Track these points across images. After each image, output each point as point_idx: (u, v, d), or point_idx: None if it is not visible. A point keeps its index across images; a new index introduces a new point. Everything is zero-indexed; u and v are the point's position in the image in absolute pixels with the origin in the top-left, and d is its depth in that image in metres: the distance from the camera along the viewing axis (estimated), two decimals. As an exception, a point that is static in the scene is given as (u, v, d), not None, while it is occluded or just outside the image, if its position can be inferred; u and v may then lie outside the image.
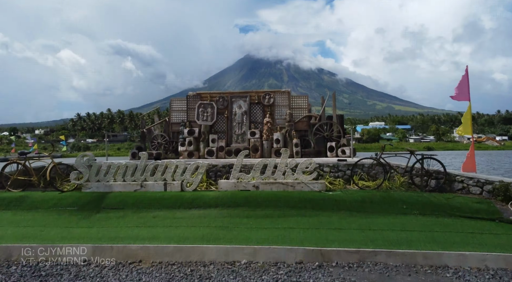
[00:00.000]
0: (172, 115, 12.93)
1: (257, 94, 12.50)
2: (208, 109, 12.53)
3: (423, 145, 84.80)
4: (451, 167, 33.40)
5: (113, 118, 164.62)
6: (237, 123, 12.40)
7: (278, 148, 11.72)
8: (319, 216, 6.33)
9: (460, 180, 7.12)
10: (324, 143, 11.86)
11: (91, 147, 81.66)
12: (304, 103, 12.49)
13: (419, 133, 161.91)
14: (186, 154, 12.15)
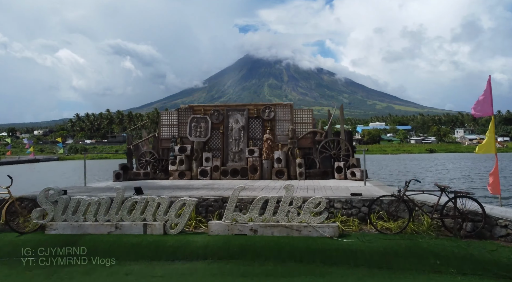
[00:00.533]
0: (162, 130, 11.64)
1: (256, 108, 11.20)
2: (202, 124, 11.25)
3: (425, 147, 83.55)
4: (457, 171, 32.13)
5: (112, 118, 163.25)
6: (233, 140, 11.11)
7: (280, 168, 10.45)
8: (331, 275, 5.05)
9: (504, 225, 5.83)
10: (331, 162, 10.57)
11: (89, 149, 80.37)
12: (308, 117, 11.20)
13: (420, 133, 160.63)
14: (176, 174, 10.88)
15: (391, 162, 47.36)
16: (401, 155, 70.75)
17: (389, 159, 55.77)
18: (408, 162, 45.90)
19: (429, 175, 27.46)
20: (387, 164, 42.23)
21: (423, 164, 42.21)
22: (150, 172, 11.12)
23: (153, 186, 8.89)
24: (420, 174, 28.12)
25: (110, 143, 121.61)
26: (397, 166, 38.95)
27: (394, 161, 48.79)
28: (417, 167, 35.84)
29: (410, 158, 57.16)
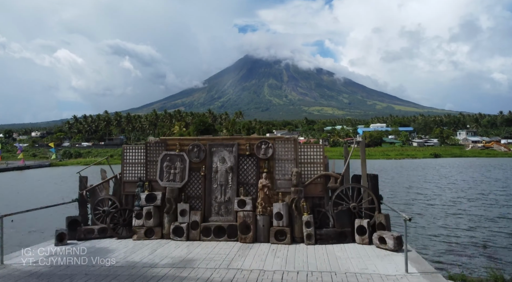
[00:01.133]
0: (126, 170, 8.84)
1: (249, 142, 8.40)
2: (177, 163, 8.45)
3: (429, 151, 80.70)
4: (466, 174, 29.19)
5: (110, 120, 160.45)
6: (219, 185, 8.32)
7: (281, 228, 7.67)
8: None
9: None
10: (350, 219, 7.78)
11: (83, 153, 77.52)
12: (318, 155, 8.41)
13: (422, 135, 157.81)
14: (142, 232, 8.09)
15: (397, 172, 44.46)
16: (405, 161, 67.99)
17: (393, 167, 52.91)
18: (415, 173, 42.99)
19: (461, 199, 24.42)
20: (393, 177, 39.32)
21: (434, 176, 39.26)
22: (108, 228, 8.32)
23: (88, 273, 6.12)
24: (442, 196, 25.23)
25: (107, 146, 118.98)
26: (405, 179, 36.09)
27: (400, 171, 45.90)
28: (431, 185, 32.92)
29: (416, 166, 54.30)
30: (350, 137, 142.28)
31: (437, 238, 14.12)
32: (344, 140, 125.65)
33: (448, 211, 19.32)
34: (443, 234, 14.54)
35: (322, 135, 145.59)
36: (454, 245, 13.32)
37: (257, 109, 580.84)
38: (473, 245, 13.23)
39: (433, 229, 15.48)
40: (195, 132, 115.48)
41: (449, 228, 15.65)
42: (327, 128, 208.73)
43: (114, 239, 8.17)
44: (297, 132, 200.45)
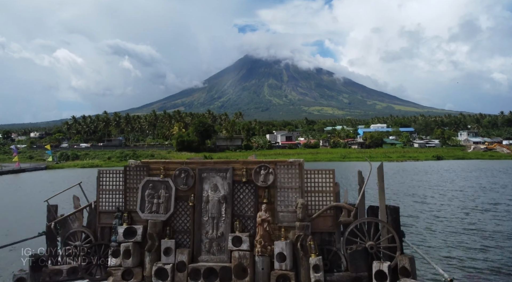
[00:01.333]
0: (101, 197, 7.54)
1: (246, 167, 7.11)
2: (161, 191, 7.17)
3: (431, 153, 79.34)
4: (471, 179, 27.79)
5: (109, 121, 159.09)
6: (210, 218, 7.03)
7: (284, 272, 6.38)
8: None
9: None
10: (366, 260, 6.49)
11: (81, 155, 76.17)
12: (328, 182, 7.11)
13: (423, 135, 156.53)
14: (119, 274, 6.81)
15: (399, 177, 43.11)
16: (407, 164, 66.72)
17: (396, 171, 51.57)
18: (419, 178, 41.64)
19: (471, 211, 23.07)
20: (395, 182, 37.97)
21: (438, 182, 37.92)
22: (79, 268, 7.04)
23: None
24: (450, 206, 23.89)
25: (106, 147, 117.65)
26: (408, 185, 34.74)
27: (402, 176, 44.52)
28: (436, 192, 31.59)
29: (418, 169, 52.95)
30: (351, 138, 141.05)
31: (451, 261, 12.86)
32: (345, 141, 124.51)
33: (459, 226, 18.06)
34: (457, 257, 13.26)
35: (323, 135, 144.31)
36: (471, 271, 12.07)
37: (257, 109, 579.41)
38: (491, 271, 11.97)
39: (444, 249, 14.20)
40: (194, 133, 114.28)
41: (462, 248, 14.38)
42: (328, 128, 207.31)
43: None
44: (297, 133, 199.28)
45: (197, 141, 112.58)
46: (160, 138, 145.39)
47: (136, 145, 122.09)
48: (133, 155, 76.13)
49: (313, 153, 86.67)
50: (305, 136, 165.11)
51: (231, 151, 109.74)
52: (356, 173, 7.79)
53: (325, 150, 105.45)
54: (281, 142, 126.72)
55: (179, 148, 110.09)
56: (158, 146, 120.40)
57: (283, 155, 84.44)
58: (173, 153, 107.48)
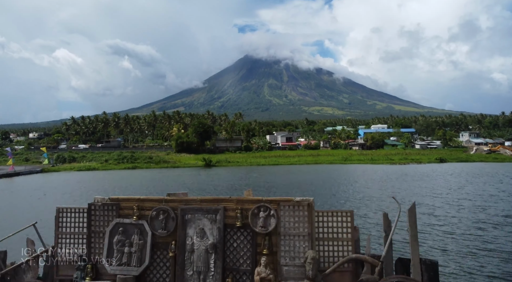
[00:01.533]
0: (61, 243, 6.03)
1: (240, 206, 5.61)
2: (134, 238, 5.69)
3: (434, 156, 77.74)
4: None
5: (108, 121, 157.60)
6: (195, 272, 5.54)
7: None
8: None
9: None
10: None
11: (78, 158, 74.58)
12: (345, 227, 5.60)
13: (424, 136, 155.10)
14: None
15: (402, 183, 41.53)
16: (410, 167, 65.14)
17: (398, 175, 49.96)
18: (423, 185, 39.99)
19: (484, 225, 21.52)
20: (399, 190, 36.38)
21: (443, 189, 36.30)
22: None
23: None
24: (460, 219, 22.36)
25: (104, 148, 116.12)
26: (412, 192, 33.15)
27: (405, 181, 42.88)
28: (443, 202, 30.08)
29: (421, 173, 51.36)
30: (351, 138, 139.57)
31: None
32: (346, 142, 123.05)
33: (475, 245, 16.54)
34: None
35: (323, 136, 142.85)
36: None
37: (257, 109, 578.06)
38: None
39: (462, 277, 12.68)
40: (193, 134, 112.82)
41: (484, 276, 12.86)
42: (328, 128, 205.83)
43: None
44: (297, 133, 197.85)
45: (197, 142, 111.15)
46: (159, 139, 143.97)
47: (135, 147, 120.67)
48: (131, 158, 74.63)
49: (313, 155, 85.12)
50: (305, 137, 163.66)
51: (231, 153, 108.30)
52: (358, 175, 6.25)
53: (325, 151, 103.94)
54: (281, 143, 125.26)
55: (178, 150, 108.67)
56: (157, 148, 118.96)
57: (283, 157, 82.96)
58: (172, 154, 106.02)
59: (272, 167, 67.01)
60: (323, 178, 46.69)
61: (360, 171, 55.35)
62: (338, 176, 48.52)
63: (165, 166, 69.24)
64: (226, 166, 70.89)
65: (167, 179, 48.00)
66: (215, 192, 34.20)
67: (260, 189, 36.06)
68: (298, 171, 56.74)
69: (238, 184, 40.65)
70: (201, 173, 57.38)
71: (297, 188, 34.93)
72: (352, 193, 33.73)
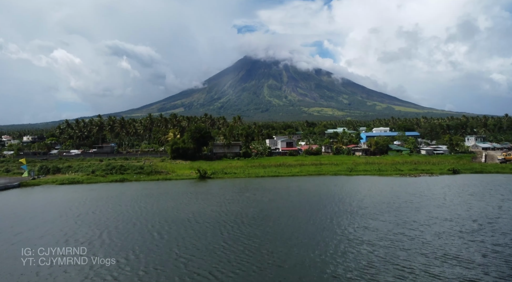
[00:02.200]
0: None
1: None
2: None
3: (445, 166, 71.78)
4: None
5: (103, 125, 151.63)
6: None
7: None
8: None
9: None
10: None
11: (63, 168, 68.59)
12: None
13: (428, 140, 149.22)
14: None
15: (423, 209, 35.32)
16: (423, 180, 59.15)
17: (413, 194, 43.78)
18: (441, 213, 33.83)
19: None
20: (416, 224, 30.21)
21: (472, 227, 30.05)
22: None
23: None
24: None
25: (97, 154, 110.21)
26: (434, 230, 27.06)
27: (422, 204, 36.58)
28: (478, 246, 23.97)
29: (438, 191, 45.12)
30: (354, 143, 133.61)
31: None
32: (349, 147, 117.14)
33: None
34: None
35: (325, 140, 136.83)
36: None
37: (257, 110, 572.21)
38: None
39: None
40: (190, 140, 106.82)
41: None
42: (329, 131, 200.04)
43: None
44: (298, 135, 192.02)
45: (193, 148, 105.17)
46: (155, 143, 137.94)
47: (129, 152, 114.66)
48: (120, 168, 68.60)
49: (316, 164, 79.22)
50: (306, 141, 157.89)
51: (229, 159, 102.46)
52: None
53: (328, 158, 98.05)
54: (282, 148, 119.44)
55: (173, 156, 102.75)
56: (152, 153, 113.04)
57: (284, 167, 76.97)
58: (167, 161, 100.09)
59: (271, 180, 61.13)
60: (329, 206, 40.67)
61: (368, 184, 49.39)
62: (347, 198, 42.47)
63: (156, 179, 63.30)
64: (222, 178, 64.96)
65: (149, 205, 42.11)
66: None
67: (250, 227, 30.07)
68: (299, 189, 50.76)
69: (224, 219, 34.73)
70: (192, 190, 51.46)
71: (295, 239, 28.54)
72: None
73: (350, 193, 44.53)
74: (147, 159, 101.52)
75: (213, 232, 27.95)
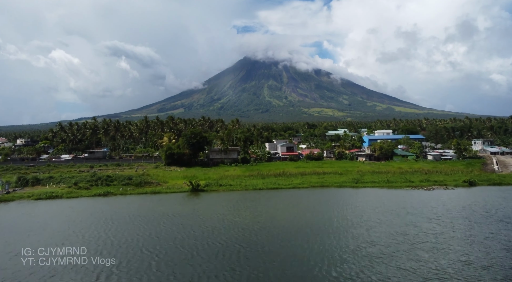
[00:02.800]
0: None
1: None
2: None
3: (460, 176, 65.51)
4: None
5: (97, 128, 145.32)
6: None
7: None
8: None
9: None
10: None
11: (43, 180, 62.28)
12: None
13: (433, 143, 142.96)
14: None
15: (445, 243, 28.76)
16: (437, 194, 52.79)
17: (431, 215, 37.21)
18: (481, 252, 27.35)
19: None
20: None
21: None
22: None
23: None
24: None
25: (88, 160, 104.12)
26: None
27: (442, 232, 30.00)
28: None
29: (458, 209, 38.41)
30: (356, 147, 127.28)
31: None
32: (352, 152, 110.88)
33: None
34: None
35: (326, 144, 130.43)
36: None
37: (257, 111, 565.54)
38: None
39: None
40: (185, 145, 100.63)
41: None
42: (330, 133, 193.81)
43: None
44: (298, 138, 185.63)
45: (188, 154, 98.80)
46: (151, 147, 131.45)
47: (122, 158, 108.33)
48: (106, 179, 62.19)
49: (318, 174, 72.80)
50: (307, 144, 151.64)
51: (226, 166, 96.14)
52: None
53: (330, 164, 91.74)
54: (282, 153, 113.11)
55: (168, 162, 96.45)
56: (146, 159, 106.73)
57: (284, 177, 70.53)
58: (161, 168, 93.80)
59: (270, 194, 54.82)
60: (328, 240, 34.26)
61: (380, 199, 43.00)
62: (351, 226, 36.05)
63: (144, 192, 56.96)
64: (216, 191, 58.63)
65: (109, 234, 35.82)
66: None
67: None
68: (297, 211, 44.44)
69: (196, 261, 28.41)
70: (177, 210, 45.16)
71: None
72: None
73: (356, 218, 38.15)
74: (140, 165, 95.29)
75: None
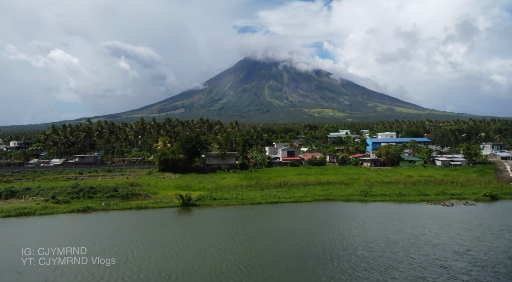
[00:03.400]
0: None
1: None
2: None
3: (480, 189, 58.87)
4: None
5: (91, 131, 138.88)
6: None
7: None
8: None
9: None
10: None
11: (19, 192, 55.74)
12: None
13: (439, 146, 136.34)
14: None
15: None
16: (459, 211, 46.22)
17: (462, 262, 30.40)
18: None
19: None
20: None
21: None
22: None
23: None
24: None
25: (78, 165, 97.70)
26: None
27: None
28: None
29: (496, 244, 31.58)
30: (360, 151, 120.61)
31: None
32: (356, 157, 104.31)
33: None
34: None
35: (329, 148, 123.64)
36: None
37: (257, 111, 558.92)
38: None
39: None
40: (180, 150, 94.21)
41: None
42: (331, 134, 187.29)
43: None
44: (299, 140, 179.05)
45: (184, 159, 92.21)
46: (147, 150, 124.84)
47: (114, 163, 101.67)
48: (89, 191, 55.69)
49: (322, 184, 66.19)
50: (308, 147, 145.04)
51: (224, 172, 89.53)
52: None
53: (333, 170, 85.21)
54: (282, 158, 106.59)
55: (162, 168, 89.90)
56: (140, 164, 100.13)
57: (285, 188, 63.90)
58: (154, 174, 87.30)
59: (268, 211, 48.28)
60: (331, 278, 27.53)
61: (392, 235, 36.31)
62: (358, 256, 29.34)
63: (129, 207, 50.37)
64: (210, 205, 52.02)
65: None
66: None
67: None
68: (297, 236, 37.83)
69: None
70: (156, 236, 38.64)
71: None
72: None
73: (365, 248, 31.51)
74: (132, 171, 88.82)
75: None
